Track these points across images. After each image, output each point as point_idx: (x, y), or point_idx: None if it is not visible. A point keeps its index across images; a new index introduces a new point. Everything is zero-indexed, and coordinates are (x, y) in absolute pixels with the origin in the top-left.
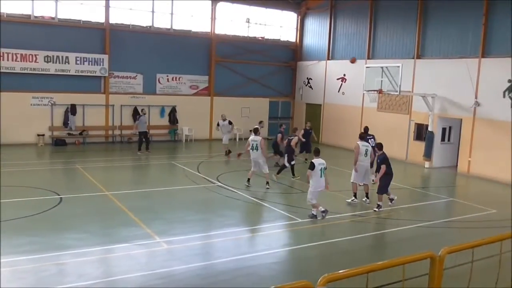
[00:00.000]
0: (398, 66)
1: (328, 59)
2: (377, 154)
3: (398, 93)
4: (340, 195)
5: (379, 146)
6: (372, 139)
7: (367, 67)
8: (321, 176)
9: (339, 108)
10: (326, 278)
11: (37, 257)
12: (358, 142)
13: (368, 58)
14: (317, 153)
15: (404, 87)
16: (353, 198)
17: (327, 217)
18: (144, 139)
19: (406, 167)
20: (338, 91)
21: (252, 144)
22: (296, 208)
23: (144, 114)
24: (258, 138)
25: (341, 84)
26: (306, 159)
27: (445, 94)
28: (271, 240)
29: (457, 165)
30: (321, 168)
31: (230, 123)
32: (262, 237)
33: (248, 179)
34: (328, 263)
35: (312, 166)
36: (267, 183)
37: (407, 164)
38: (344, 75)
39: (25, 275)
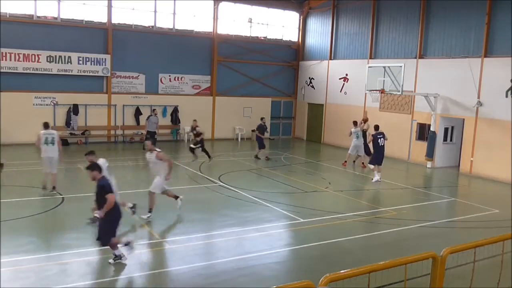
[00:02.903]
0: (401, 66)
1: (331, 58)
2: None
3: (400, 93)
4: (342, 195)
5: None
6: (382, 138)
7: (369, 66)
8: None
9: (341, 108)
10: (327, 278)
11: (39, 257)
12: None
13: (371, 58)
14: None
15: (406, 86)
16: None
17: (329, 217)
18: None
19: (408, 167)
20: (340, 91)
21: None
22: (298, 208)
23: (156, 114)
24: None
25: (343, 84)
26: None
27: (448, 94)
28: (273, 240)
29: (459, 165)
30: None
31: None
32: (264, 237)
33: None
34: (329, 263)
35: None
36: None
37: (409, 164)
38: (346, 75)
39: (28, 274)
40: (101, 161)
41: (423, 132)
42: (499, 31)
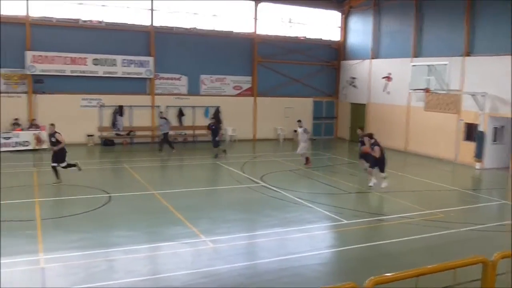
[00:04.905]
0: (446, 64)
1: (373, 57)
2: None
3: (446, 91)
4: (387, 197)
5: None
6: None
7: (413, 65)
8: None
9: (384, 108)
10: (373, 281)
11: (88, 253)
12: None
13: (414, 56)
14: None
15: (452, 85)
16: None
17: (373, 218)
18: (165, 140)
19: (455, 168)
20: (383, 90)
21: None
22: (342, 209)
23: (162, 117)
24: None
25: (386, 83)
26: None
27: (496, 93)
28: (315, 241)
29: (510, 166)
30: None
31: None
32: (306, 238)
33: None
34: (374, 265)
35: None
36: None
37: (456, 165)
38: (389, 74)
39: (77, 270)
40: None
41: (471, 132)
42: None
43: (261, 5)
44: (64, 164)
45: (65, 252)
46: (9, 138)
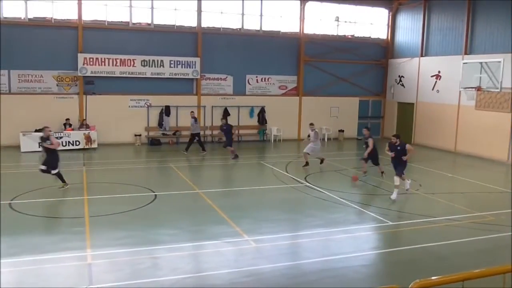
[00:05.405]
0: (499, 61)
1: (422, 55)
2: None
3: (499, 90)
4: (434, 198)
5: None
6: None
7: (464, 63)
8: None
9: (434, 107)
10: (418, 284)
11: (134, 250)
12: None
13: (465, 54)
14: None
15: (506, 83)
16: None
17: (419, 220)
18: (195, 140)
19: (508, 169)
20: (433, 89)
21: None
22: (387, 210)
23: (193, 117)
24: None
25: (436, 81)
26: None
27: None
28: (360, 242)
29: None
30: None
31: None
32: (350, 239)
33: None
34: (419, 268)
35: None
36: None
37: (509, 166)
38: (439, 72)
39: (123, 266)
40: None
41: None
42: None
43: (308, 4)
44: (56, 171)
45: (111, 249)
46: (60, 137)
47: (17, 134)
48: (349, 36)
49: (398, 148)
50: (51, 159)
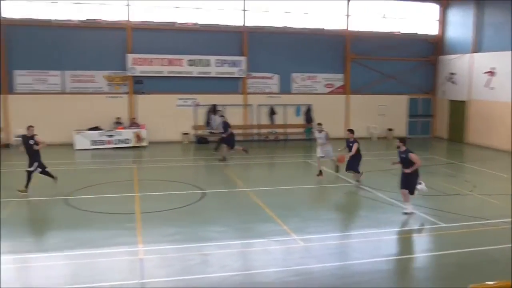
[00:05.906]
0: None
1: (474, 51)
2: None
3: None
4: (489, 200)
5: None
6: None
7: None
8: None
9: (487, 105)
10: None
11: (184, 247)
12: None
13: None
14: None
15: None
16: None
17: (474, 223)
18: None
19: None
20: (486, 86)
21: None
22: (439, 211)
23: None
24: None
25: (489, 78)
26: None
27: None
28: (410, 244)
29: None
30: None
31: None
32: (401, 241)
33: None
34: (472, 272)
35: None
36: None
37: None
38: (493, 68)
39: (173, 262)
40: None
41: None
42: None
43: (353, 1)
44: (31, 169)
45: (162, 245)
46: (112, 136)
47: (70, 133)
48: (397, 33)
49: (403, 156)
50: (32, 158)
